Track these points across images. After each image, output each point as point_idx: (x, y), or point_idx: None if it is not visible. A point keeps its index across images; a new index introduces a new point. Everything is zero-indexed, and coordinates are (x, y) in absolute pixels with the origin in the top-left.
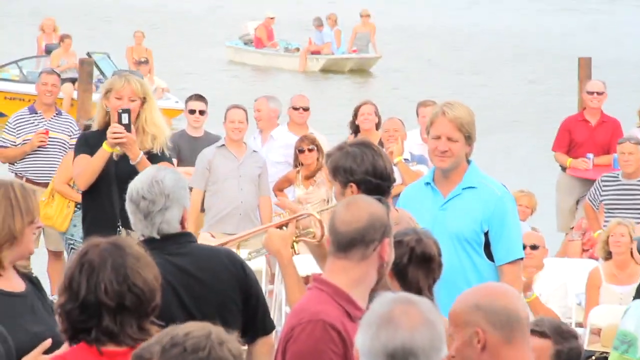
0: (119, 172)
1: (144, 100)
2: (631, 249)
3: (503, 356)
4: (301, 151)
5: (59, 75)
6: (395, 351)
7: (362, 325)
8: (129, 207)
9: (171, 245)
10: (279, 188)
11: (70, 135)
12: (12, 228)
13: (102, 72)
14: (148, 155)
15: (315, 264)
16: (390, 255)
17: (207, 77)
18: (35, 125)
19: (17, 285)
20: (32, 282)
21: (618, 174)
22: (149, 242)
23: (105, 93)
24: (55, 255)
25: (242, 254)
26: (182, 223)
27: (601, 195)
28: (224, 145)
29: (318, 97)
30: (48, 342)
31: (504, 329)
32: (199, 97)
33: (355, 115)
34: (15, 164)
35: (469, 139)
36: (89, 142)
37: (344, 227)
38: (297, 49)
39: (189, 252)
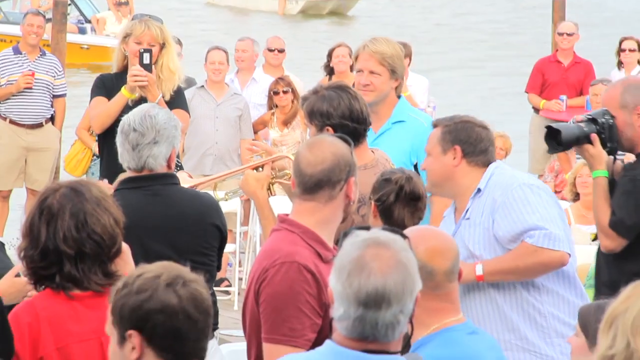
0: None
1: (162, 46)
2: None
3: None
4: (276, 93)
5: (44, 17)
6: (367, 297)
7: (334, 268)
8: (118, 138)
9: (154, 185)
10: (254, 130)
11: (54, 77)
12: None
13: (82, 13)
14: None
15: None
16: (355, 193)
17: (184, 19)
18: (20, 66)
19: None
20: None
21: None
22: (133, 180)
23: (124, 37)
24: (33, 193)
25: (219, 194)
26: (169, 163)
27: None
28: (203, 86)
29: (296, 39)
30: (18, 267)
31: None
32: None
33: (329, 58)
34: (0, 105)
35: (393, 73)
36: (105, 85)
37: (310, 169)
38: None
39: (171, 193)
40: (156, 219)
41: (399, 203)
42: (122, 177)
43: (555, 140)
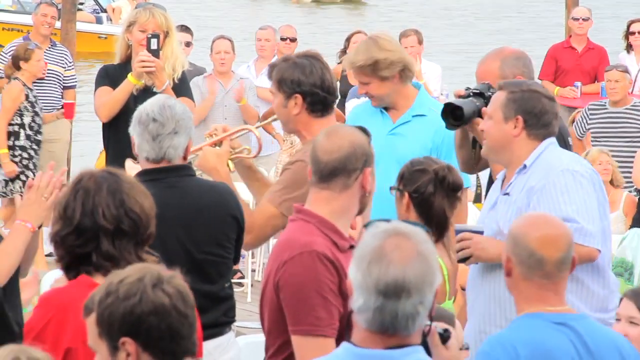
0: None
1: (166, 34)
2: (611, 176)
3: None
4: None
5: (57, 7)
6: (387, 287)
7: (355, 258)
8: (135, 129)
9: (170, 177)
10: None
11: (64, 67)
12: None
13: (97, 2)
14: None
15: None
16: (372, 184)
17: (197, 6)
18: None
19: None
20: None
21: (605, 102)
22: (149, 173)
23: (127, 26)
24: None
25: None
26: (185, 154)
27: (588, 124)
28: (211, 74)
29: (311, 27)
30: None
31: None
32: (184, 28)
33: (347, 43)
34: None
35: (382, 76)
36: (109, 74)
37: (326, 157)
38: None
39: (188, 185)
40: (173, 211)
41: (439, 194)
42: (128, 166)
43: (452, 116)
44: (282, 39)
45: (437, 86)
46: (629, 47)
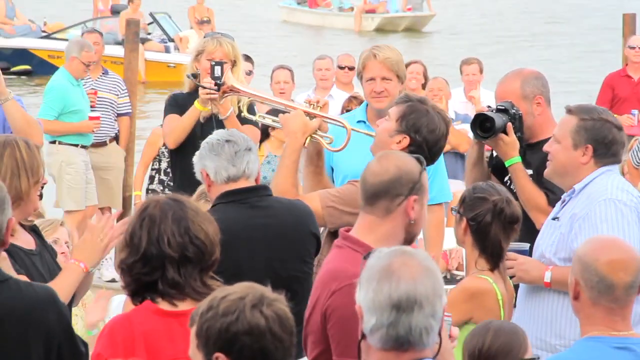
0: (204, 134)
1: (234, 63)
2: None
3: None
4: (348, 111)
5: (100, 34)
6: (400, 301)
7: (361, 281)
8: (209, 156)
9: (251, 198)
10: None
11: (117, 95)
12: (19, 189)
13: (165, 32)
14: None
15: None
16: (419, 213)
17: (262, 37)
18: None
19: (27, 241)
20: (35, 231)
21: None
22: (230, 194)
23: (196, 55)
24: (102, 211)
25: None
26: (257, 177)
27: None
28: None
29: None
30: (108, 293)
31: None
32: (245, 57)
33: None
34: None
35: (399, 77)
36: (178, 102)
37: (372, 178)
38: (352, 8)
39: (269, 204)
40: (258, 230)
41: (496, 224)
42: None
43: (480, 127)
44: (341, 68)
45: None
46: None
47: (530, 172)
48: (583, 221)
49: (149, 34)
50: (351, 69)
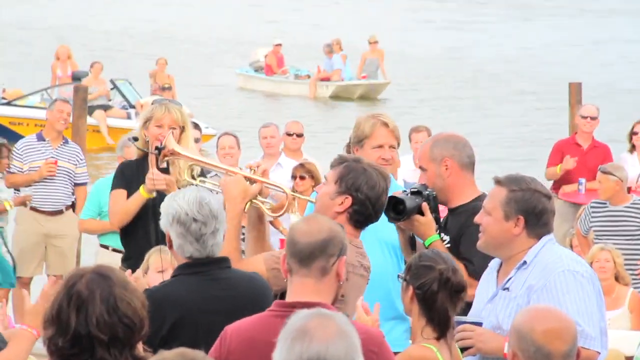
0: (158, 204)
1: (182, 130)
2: (615, 273)
3: None
4: (294, 178)
5: (69, 103)
6: None
7: (279, 341)
8: (174, 228)
9: (213, 270)
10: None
11: (75, 165)
12: None
13: (125, 98)
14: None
15: None
16: (345, 275)
17: (218, 103)
18: (42, 153)
19: None
20: None
21: (607, 201)
22: (191, 266)
23: (144, 122)
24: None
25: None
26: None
27: (590, 222)
28: (216, 174)
29: (328, 123)
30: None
31: None
32: (193, 125)
33: (350, 140)
34: (20, 191)
35: (398, 146)
36: (125, 174)
37: (305, 238)
38: (308, 76)
39: (229, 277)
40: (218, 303)
41: (442, 293)
42: (152, 259)
43: (394, 210)
44: (289, 134)
45: None
46: (633, 148)
47: (447, 239)
48: (542, 292)
49: (110, 100)
50: (299, 135)
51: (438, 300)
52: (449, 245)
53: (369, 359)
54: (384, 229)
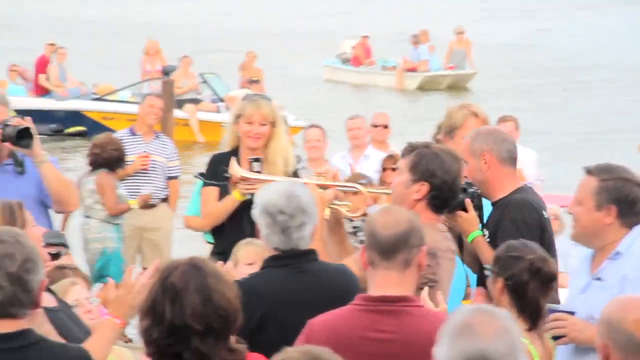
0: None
1: (273, 124)
2: None
3: None
4: (385, 170)
5: (160, 98)
6: (473, 358)
7: (441, 335)
8: (262, 218)
9: (300, 262)
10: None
11: (167, 158)
12: None
13: (215, 92)
14: None
15: None
16: (424, 266)
17: (305, 96)
18: (135, 147)
19: (48, 299)
20: (50, 291)
21: None
22: (279, 258)
23: (235, 118)
24: None
25: None
26: (310, 240)
27: None
28: (303, 167)
29: (415, 113)
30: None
31: None
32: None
33: (439, 131)
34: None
35: None
36: (217, 171)
37: (386, 231)
38: (395, 67)
39: (316, 269)
40: (306, 294)
41: (533, 283)
42: (241, 252)
43: None
44: (375, 126)
45: (532, 172)
46: None
47: (487, 234)
48: (637, 282)
49: (200, 94)
50: (385, 127)
51: (529, 290)
52: (489, 240)
53: None
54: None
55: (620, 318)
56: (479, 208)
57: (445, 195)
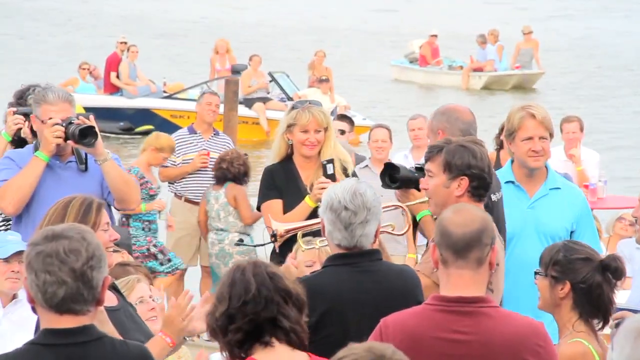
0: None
1: (325, 129)
2: None
3: None
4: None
5: (217, 95)
6: None
7: (617, 339)
8: (326, 215)
9: (363, 262)
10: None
11: None
12: None
13: (283, 90)
14: None
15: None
16: (494, 265)
17: (373, 95)
18: (194, 146)
19: (109, 298)
20: (115, 288)
21: None
22: (342, 257)
23: (287, 127)
24: (207, 271)
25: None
26: (374, 238)
27: None
28: (367, 166)
29: (480, 113)
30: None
31: None
32: (343, 117)
33: (501, 131)
34: (175, 184)
35: (551, 136)
36: (276, 183)
37: (459, 230)
38: (461, 67)
39: (379, 269)
40: (368, 294)
41: (606, 283)
42: (300, 253)
43: (389, 177)
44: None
45: (595, 173)
46: None
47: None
48: None
49: (269, 92)
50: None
51: (604, 291)
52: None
53: (536, 353)
54: (543, 220)
55: None
56: None
57: (485, 182)
